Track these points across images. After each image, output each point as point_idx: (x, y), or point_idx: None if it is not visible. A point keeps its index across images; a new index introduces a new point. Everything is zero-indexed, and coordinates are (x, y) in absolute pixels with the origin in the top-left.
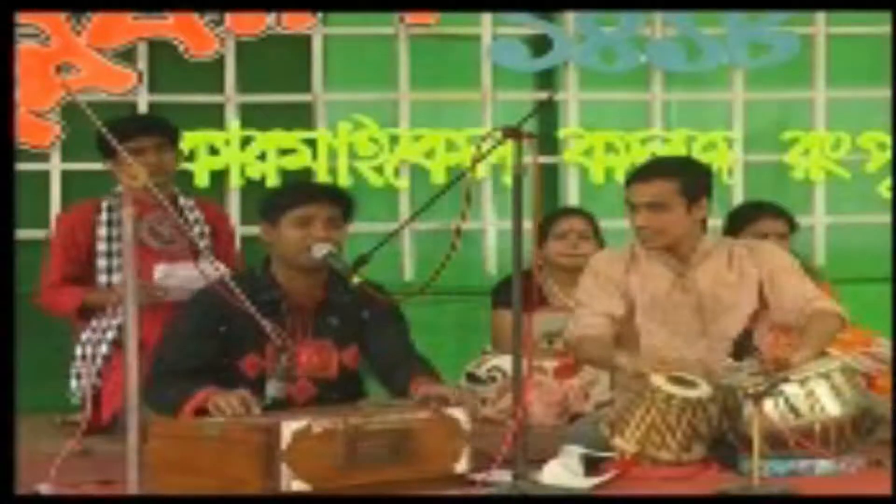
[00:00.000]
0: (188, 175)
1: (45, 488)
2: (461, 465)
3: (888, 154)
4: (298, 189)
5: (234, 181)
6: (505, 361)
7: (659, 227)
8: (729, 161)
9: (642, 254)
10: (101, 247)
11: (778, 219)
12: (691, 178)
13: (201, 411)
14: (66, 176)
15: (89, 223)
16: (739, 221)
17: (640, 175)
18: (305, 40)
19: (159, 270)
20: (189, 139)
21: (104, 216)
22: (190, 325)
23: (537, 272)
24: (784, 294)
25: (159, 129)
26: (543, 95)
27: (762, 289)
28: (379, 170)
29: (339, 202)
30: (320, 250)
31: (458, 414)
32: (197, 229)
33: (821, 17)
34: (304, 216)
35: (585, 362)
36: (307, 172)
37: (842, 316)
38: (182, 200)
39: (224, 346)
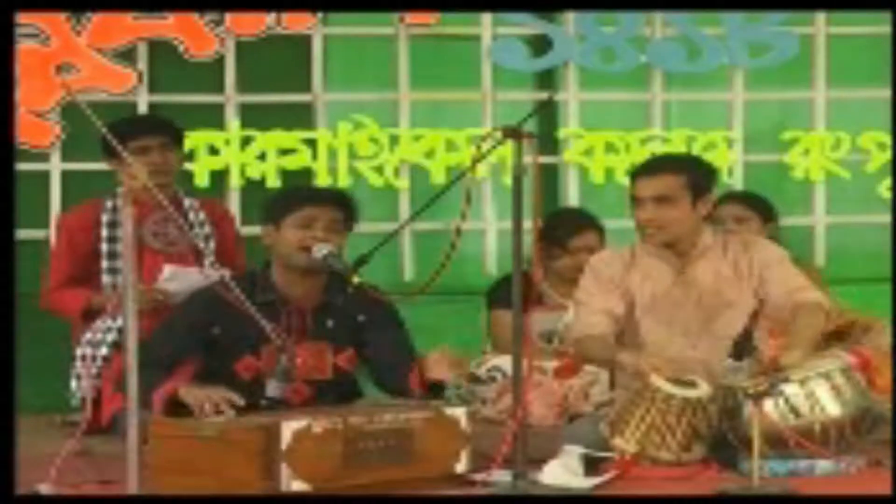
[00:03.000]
0: (188, 175)
1: (45, 488)
2: (461, 465)
3: (888, 154)
4: (301, 191)
5: (234, 181)
6: (505, 361)
7: (664, 221)
8: (729, 161)
9: (642, 252)
10: (104, 247)
11: (734, 203)
12: (698, 173)
13: (173, 403)
14: (66, 176)
15: (91, 224)
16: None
17: (647, 169)
18: (305, 40)
19: (166, 271)
20: (189, 139)
21: (107, 217)
22: (182, 321)
23: (538, 274)
24: (770, 287)
25: (164, 128)
26: (543, 95)
27: (756, 284)
28: (379, 170)
29: (342, 206)
30: (320, 250)
31: (458, 414)
32: (200, 230)
33: (821, 17)
34: (306, 217)
35: (587, 361)
36: (307, 172)
37: (824, 306)
38: (186, 201)
39: (218, 348)
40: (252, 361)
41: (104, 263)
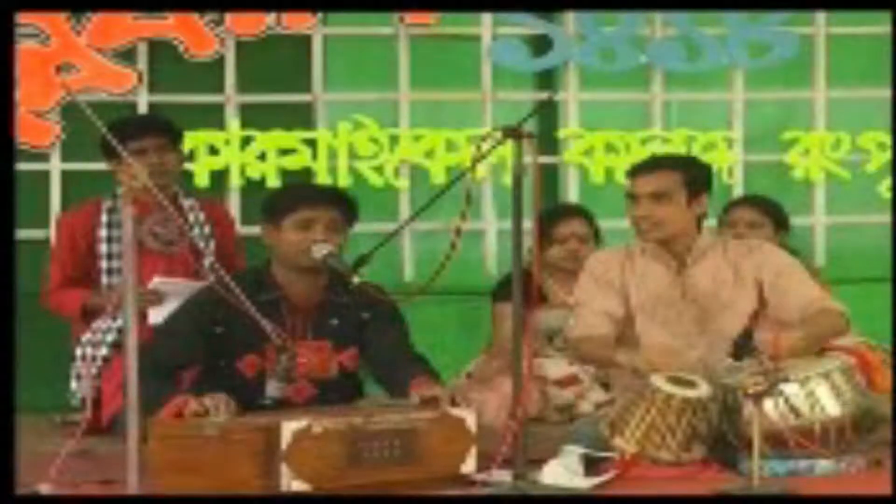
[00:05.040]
0: (188, 175)
1: (45, 488)
2: (468, 466)
3: (888, 154)
4: (300, 192)
5: (234, 181)
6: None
7: (659, 218)
8: (729, 161)
9: (639, 253)
10: (103, 248)
11: (749, 207)
12: (694, 171)
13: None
14: (66, 176)
15: (90, 224)
16: (723, 214)
17: (644, 166)
18: (305, 40)
19: (152, 285)
20: (189, 139)
21: (105, 218)
22: (184, 322)
23: (538, 271)
24: (787, 296)
25: (162, 129)
26: (543, 95)
27: (762, 289)
28: (379, 170)
29: (341, 206)
30: (320, 250)
31: (465, 414)
32: (199, 231)
33: (821, 17)
34: (305, 219)
35: (587, 362)
36: (307, 172)
37: (846, 315)
38: (184, 201)
39: (221, 347)
40: (254, 360)
41: (103, 264)
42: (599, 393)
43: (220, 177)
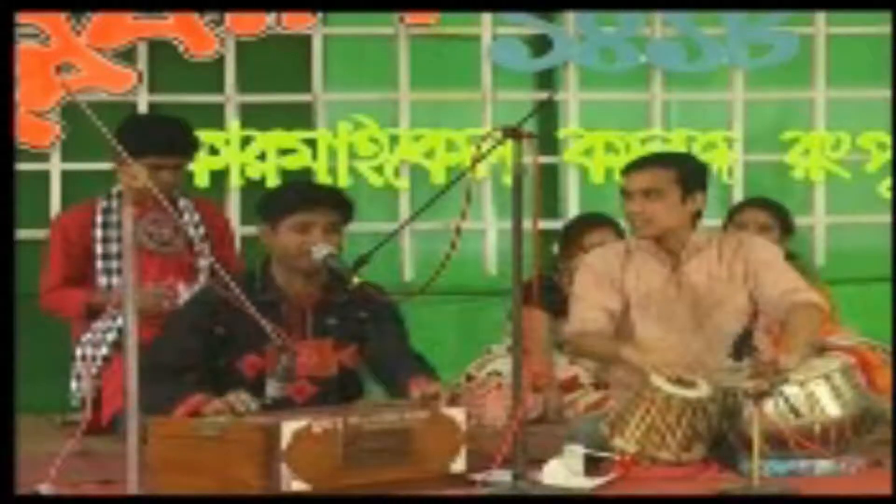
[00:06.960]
0: (188, 175)
1: (45, 488)
2: (458, 465)
3: (888, 154)
4: (298, 193)
5: (234, 181)
6: (504, 364)
7: (651, 214)
8: (729, 161)
9: (636, 249)
10: (99, 249)
11: (761, 210)
12: (688, 169)
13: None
14: (66, 176)
15: (86, 225)
16: (729, 214)
17: (637, 163)
18: (305, 40)
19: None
20: None
21: (100, 218)
22: (185, 323)
23: (538, 272)
24: (764, 288)
25: (186, 152)
26: (543, 95)
27: (750, 284)
28: (379, 170)
29: (339, 207)
30: (320, 251)
31: (455, 413)
32: (195, 231)
33: (821, 17)
34: (303, 222)
35: (585, 357)
36: (307, 172)
37: (821, 307)
38: (181, 201)
39: (221, 347)
40: (255, 360)
41: (99, 264)
42: (594, 394)
43: (220, 177)
